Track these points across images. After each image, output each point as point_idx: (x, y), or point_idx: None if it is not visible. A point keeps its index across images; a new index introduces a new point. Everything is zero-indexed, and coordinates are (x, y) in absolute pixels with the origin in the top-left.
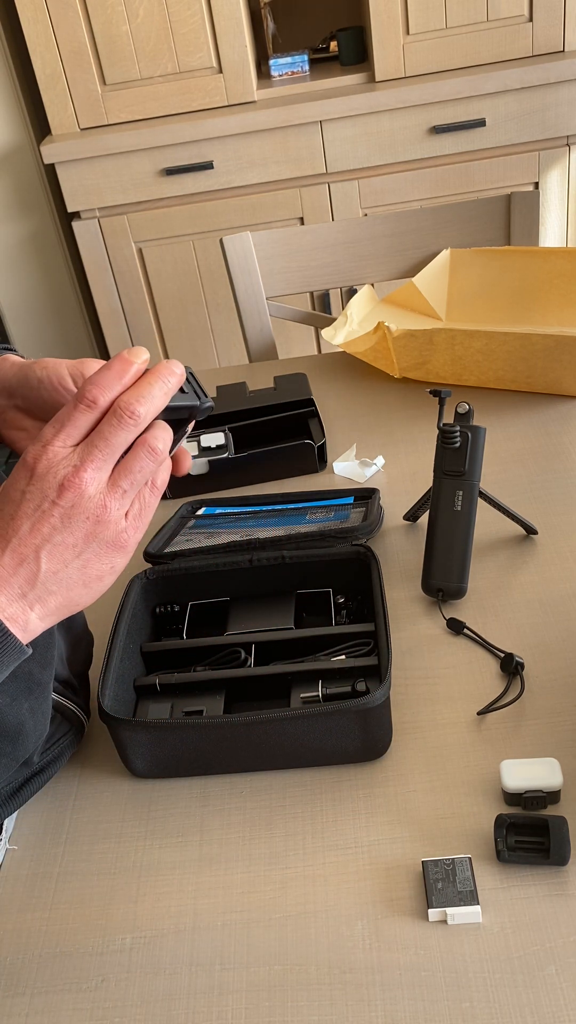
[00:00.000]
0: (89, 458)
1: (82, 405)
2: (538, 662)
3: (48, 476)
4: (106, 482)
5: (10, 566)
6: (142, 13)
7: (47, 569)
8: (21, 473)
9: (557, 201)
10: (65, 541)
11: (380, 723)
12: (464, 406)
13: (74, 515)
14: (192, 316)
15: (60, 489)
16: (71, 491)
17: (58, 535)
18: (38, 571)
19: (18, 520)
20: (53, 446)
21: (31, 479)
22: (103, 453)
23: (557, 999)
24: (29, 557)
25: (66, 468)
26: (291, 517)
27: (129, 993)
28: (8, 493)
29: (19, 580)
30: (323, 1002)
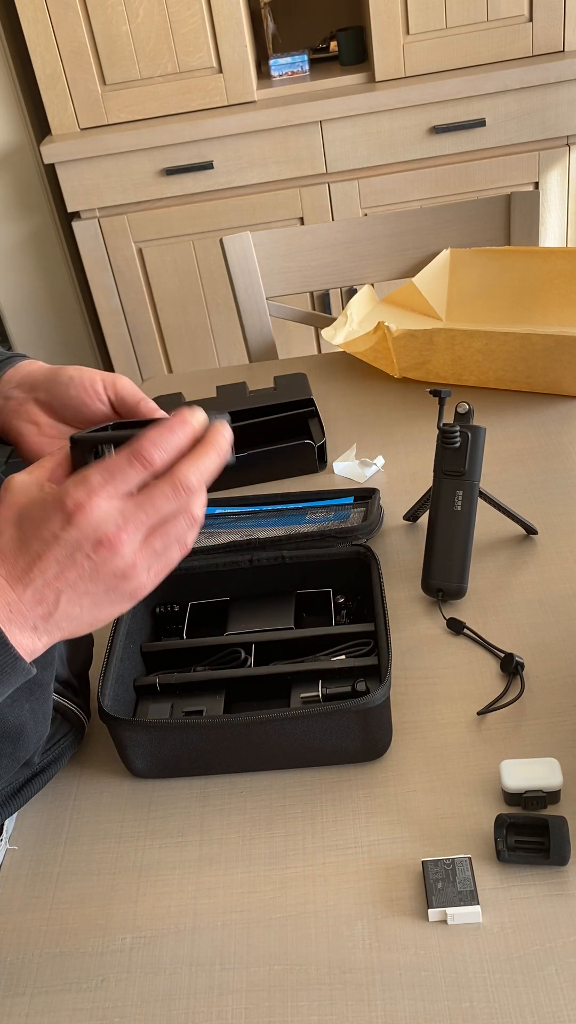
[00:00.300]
0: (134, 521)
1: (137, 463)
2: (538, 662)
3: (87, 528)
4: (141, 541)
5: (30, 604)
6: (142, 13)
7: (63, 610)
8: (57, 515)
9: (557, 201)
10: (87, 590)
11: (380, 723)
12: (464, 406)
13: (103, 570)
14: (192, 316)
15: (97, 545)
16: (107, 550)
17: (82, 584)
18: (55, 611)
19: (45, 561)
20: (99, 498)
21: (68, 525)
22: (149, 519)
23: (557, 999)
24: (49, 599)
25: (108, 527)
26: (291, 517)
27: (129, 993)
28: (38, 529)
29: (35, 616)
30: (323, 1002)
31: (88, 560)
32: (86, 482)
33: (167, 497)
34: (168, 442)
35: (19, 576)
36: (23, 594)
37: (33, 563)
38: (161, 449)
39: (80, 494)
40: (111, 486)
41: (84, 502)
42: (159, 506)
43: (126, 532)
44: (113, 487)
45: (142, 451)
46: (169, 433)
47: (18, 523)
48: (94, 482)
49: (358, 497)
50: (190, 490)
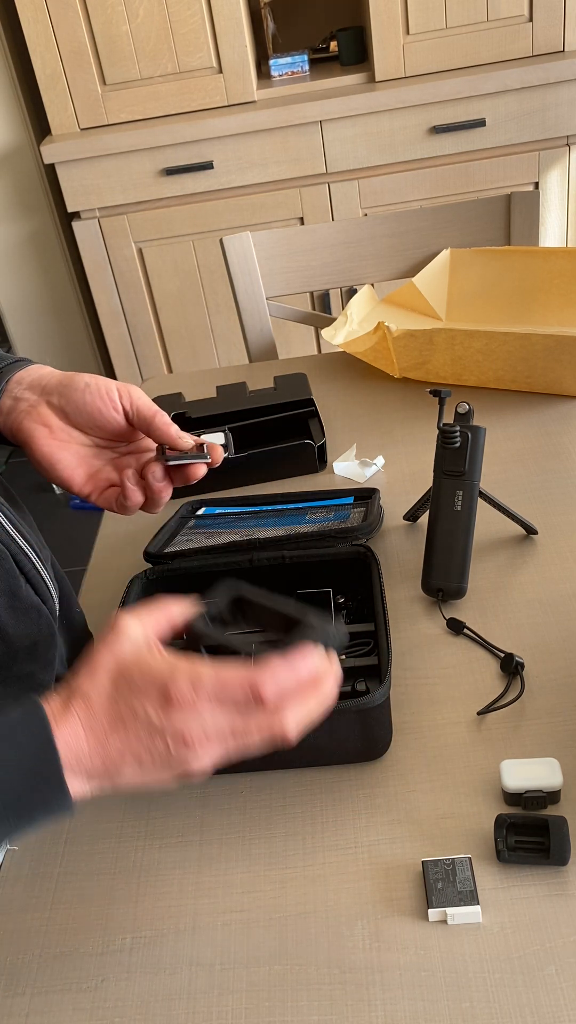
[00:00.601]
0: (220, 737)
1: (251, 694)
2: (538, 662)
3: (178, 725)
4: (217, 752)
5: (96, 759)
6: (142, 13)
7: (121, 774)
8: (157, 696)
9: (557, 201)
10: (150, 767)
11: (380, 723)
12: (464, 406)
13: (172, 760)
14: (192, 316)
15: (178, 741)
16: (188, 750)
17: (148, 762)
18: (114, 774)
19: (127, 731)
20: (201, 703)
21: (162, 712)
22: (234, 742)
23: (557, 999)
24: (114, 762)
25: (196, 732)
26: (291, 517)
27: (129, 993)
28: (134, 697)
29: (95, 769)
30: (323, 1002)
31: (165, 748)
32: (198, 682)
33: (260, 730)
34: (286, 681)
35: (97, 732)
36: (94, 749)
37: (115, 727)
38: (278, 687)
39: (187, 691)
40: (217, 700)
41: (187, 701)
42: (248, 735)
43: (209, 743)
44: (218, 701)
45: (261, 687)
46: (291, 672)
47: (116, 679)
48: (204, 687)
49: (358, 497)
50: (288, 741)
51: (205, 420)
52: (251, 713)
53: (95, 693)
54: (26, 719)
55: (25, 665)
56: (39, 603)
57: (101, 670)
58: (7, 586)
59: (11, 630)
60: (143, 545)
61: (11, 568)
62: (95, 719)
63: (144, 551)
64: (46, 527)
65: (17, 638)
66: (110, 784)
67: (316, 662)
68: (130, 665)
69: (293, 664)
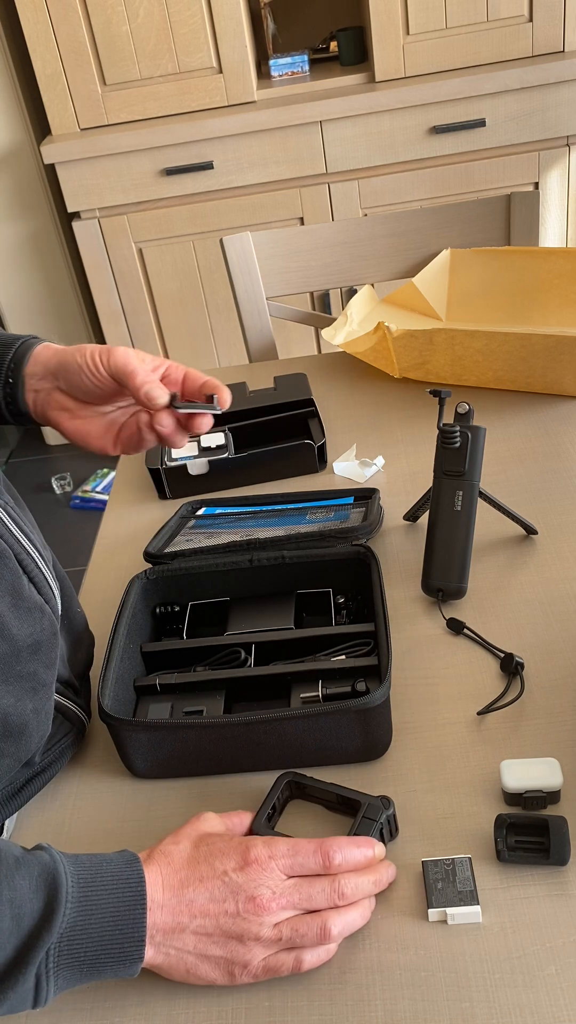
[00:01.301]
0: (287, 897)
1: (320, 857)
2: (538, 662)
3: (252, 883)
4: (280, 920)
5: (167, 922)
6: (142, 13)
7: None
8: (236, 857)
9: (557, 201)
10: (212, 933)
11: (380, 723)
12: (464, 406)
13: (238, 925)
14: (192, 316)
15: (249, 900)
16: (255, 909)
17: (213, 922)
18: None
19: (203, 886)
20: (275, 864)
21: (239, 870)
22: (299, 902)
23: (557, 999)
24: (182, 925)
25: (265, 891)
26: (291, 517)
27: (129, 993)
28: (214, 858)
29: (162, 932)
30: (323, 1002)
31: (234, 907)
32: (272, 847)
33: (323, 892)
34: (352, 856)
35: (173, 885)
36: (167, 900)
37: (191, 881)
38: (344, 858)
39: (263, 853)
40: (290, 860)
41: (263, 861)
42: (312, 896)
43: (276, 902)
44: (291, 862)
45: (330, 851)
46: (356, 849)
47: (197, 843)
48: (278, 851)
49: (358, 497)
50: (343, 896)
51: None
52: (314, 880)
53: (177, 853)
54: (126, 868)
55: (28, 664)
56: (42, 602)
57: (184, 836)
58: (10, 585)
59: (15, 629)
60: (143, 545)
61: (14, 567)
62: (174, 872)
63: (144, 551)
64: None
65: (20, 637)
66: (170, 947)
67: (376, 846)
68: (211, 836)
69: (357, 841)
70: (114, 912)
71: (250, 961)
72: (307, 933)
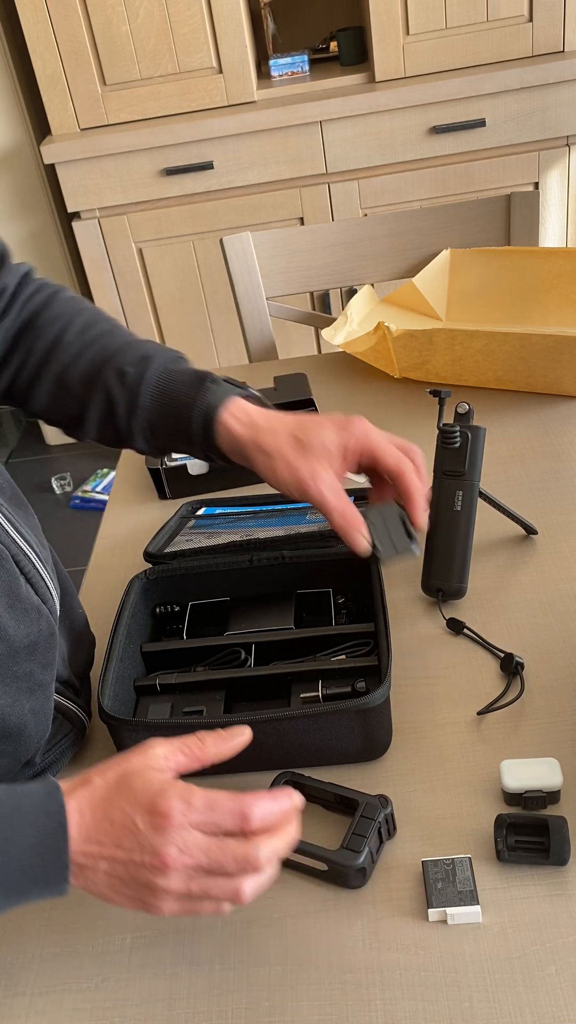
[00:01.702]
0: (194, 858)
1: (239, 819)
2: (538, 662)
3: (158, 839)
4: (186, 878)
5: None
6: (142, 13)
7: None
8: (146, 804)
9: (557, 201)
10: (120, 876)
11: (380, 723)
12: (464, 406)
13: (142, 876)
14: (192, 316)
15: (154, 855)
16: (158, 866)
17: (120, 869)
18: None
19: (113, 831)
20: (188, 821)
21: (147, 822)
22: (208, 865)
23: (557, 999)
24: (94, 862)
25: (171, 849)
26: (291, 517)
27: (129, 993)
28: (128, 801)
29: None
30: (323, 1002)
31: (140, 859)
32: (189, 801)
33: (236, 863)
34: (271, 815)
35: (89, 823)
36: (84, 836)
37: (103, 822)
38: (262, 819)
39: (177, 807)
40: (205, 817)
41: (175, 816)
42: (223, 862)
43: (183, 861)
44: (205, 819)
45: (248, 814)
46: (275, 806)
47: (121, 780)
48: (194, 806)
49: (357, 497)
50: (258, 867)
51: None
52: (225, 845)
53: (99, 788)
54: (47, 800)
55: (25, 664)
56: (39, 603)
57: (115, 767)
58: (7, 586)
59: (11, 630)
60: (143, 545)
61: (11, 568)
62: (91, 811)
63: (144, 551)
64: (46, 527)
65: (17, 638)
66: (87, 879)
67: (296, 799)
68: (134, 773)
69: (275, 795)
70: (35, 843)
71: (162, 906)
72: (219, 895)
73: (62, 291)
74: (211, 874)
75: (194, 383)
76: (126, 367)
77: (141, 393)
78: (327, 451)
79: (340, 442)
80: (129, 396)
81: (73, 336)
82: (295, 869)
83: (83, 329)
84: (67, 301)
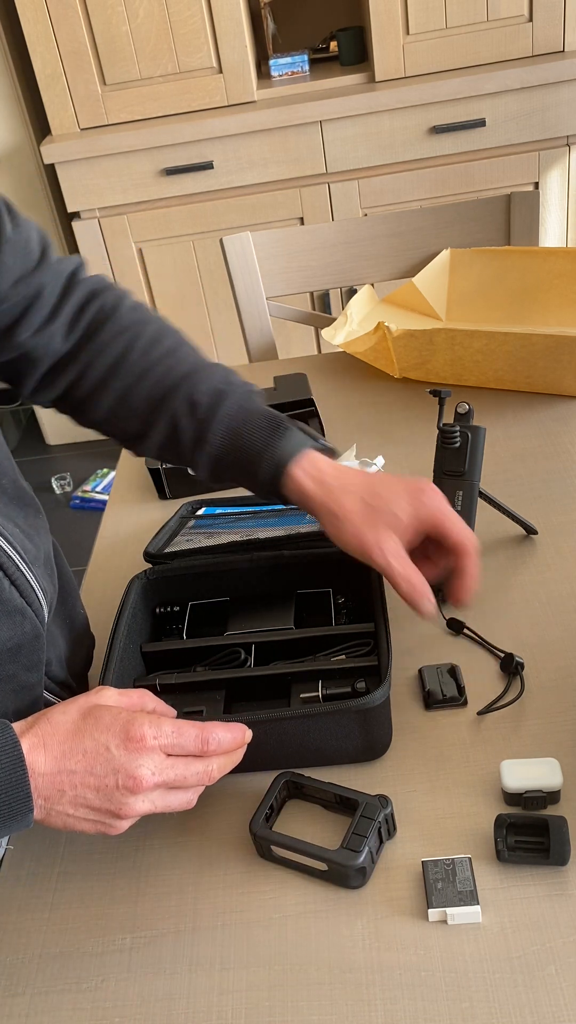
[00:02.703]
0: (163, 776)
1: (200, 742)
2: (538, 662)
3: (133, 762)
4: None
5: (46, 787)
6: (142, 13)
7: (62, 804)
8: (120, 732)
9: (557, 201)
10: (90, 802)
11: (380, 723)
12: (464, 406)
13: (115, 798)
14: (192, 316)
15: (128, 778)
16: (132, 787)
17: (91, 794)
18: (56, 802)
19: (85, 759)
20: (158, 745)
21: (121, 747)
22: (173, 779)
23: (557, 999)
24: (60, 792)
25: (145, 771)
26: (291, 517)
27: (129, 993)
28: (98, 731)
29: (41, 798)
30: (323, 1002)
31: (114, 782)
32: (158, 727)
33: (196, 775)
34: (225, 741)
35: (55, 754)
36: (49, 768)
37: (74, 753)
38: (219, 743)
39: (148, 732)
40: (172, 740)
41: (147, 740)
42: (187, 777)
43: (153, 781)
44: (172, 743)
45: (208, 738)
46: (229, 735)
47: (85, 715)
48: (163, 731)
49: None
50: (212, 778)
51: None
52: (190, 763)
53: (63, 723)
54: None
55: (7, 667)
56: (23, 605)
57: (73, 706)
58: None
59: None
60: (143, 545)
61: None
62: (58, 742)
63: (144, 551)
64: None
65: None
66: (51, 809)
67: (247, 733)
68: (101, 707)
69: (230, 727)
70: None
71: (121, 827)
72: (177, 806)
73: (125, 298)
74: (173, 789)
75: (268, 429)
76: (198, 397)
77: (212, 430)
78: (397, 520)
79: (412, 512)
80: (198, 429)
81: (139, 354)
82: (295, 869)
83: (149, 346)
84: (131, 310)
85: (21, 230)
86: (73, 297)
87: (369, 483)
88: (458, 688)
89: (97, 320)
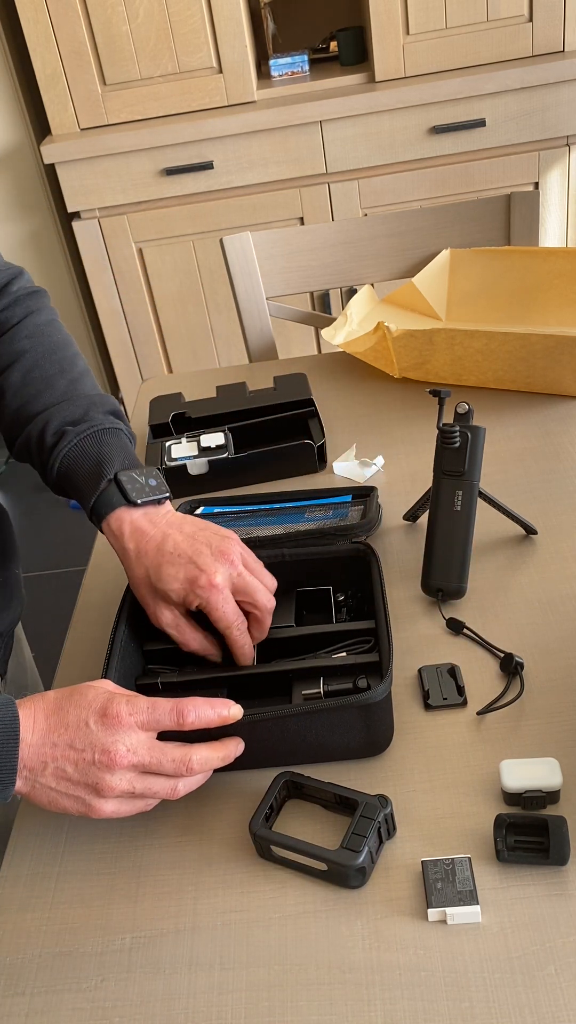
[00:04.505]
0: (138, 756)
1: (175, 716)
2: (538, 662)
3: (108, 737)
4: (131, 776)
5: (32, 760)
6: (142, 13)
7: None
8: (97, 709)
9: (557, 201)
10: (69, 776)
11: (382, 718)
12: (464, 406)
13: (91, 773)
14: (192, 316)
15: (104, 752)
16: (107, 762)
17: (69, 768)
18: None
19: (67, 732)
20: (135, 721)
21: (99, 723)
22: (148, 763)
23: (557, 999)
24: (43, 765)
25: (120, 747)
26: (290, 516)
27: (129, 993)
28: (79, 707)
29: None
30: (323, 1002)
31: (91, 757)
32: (133, 704)
33: (173, 763)
34: (205, 715)
35: (43, 727)
36: (37, 740)
37: (57, 726)
38: (197, 717)
39: (124, 709)
40: (147, 716)
41: (123, 717)
42: (163, 764)
43: (128, 759)
44: (147, 718)
45: (184, 710)
46: (210, 709)
47: (73, 691)
48: (138, 707)
49: (356, 495)
50: (191, 770)
51: (205, 420)
52: (166, 748)
53: (51, 696)
54: (1, 710)
55: None
56: None
57: (67, 688)
58: None
59: None
60: None
61: None
62: (44, 717)
63: None
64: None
65: None
66: (35, 781)
67: (231, 708)
68: (87, 687)
69: (212, 702)
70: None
71: (103, 806)
72: (159, 791)
73: (34, 315)
74: (151, 774)
75: (91, 481)
76: (46, 436)
77: (49, 468)
78: (170, 599)
79: (183, 598)
80: (41, 463)
81: (18, 376)
82: (295, 869)
83: (29, 370)
84: (33, 330)
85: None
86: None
87: (157, 561)
88: (458, 688)
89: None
